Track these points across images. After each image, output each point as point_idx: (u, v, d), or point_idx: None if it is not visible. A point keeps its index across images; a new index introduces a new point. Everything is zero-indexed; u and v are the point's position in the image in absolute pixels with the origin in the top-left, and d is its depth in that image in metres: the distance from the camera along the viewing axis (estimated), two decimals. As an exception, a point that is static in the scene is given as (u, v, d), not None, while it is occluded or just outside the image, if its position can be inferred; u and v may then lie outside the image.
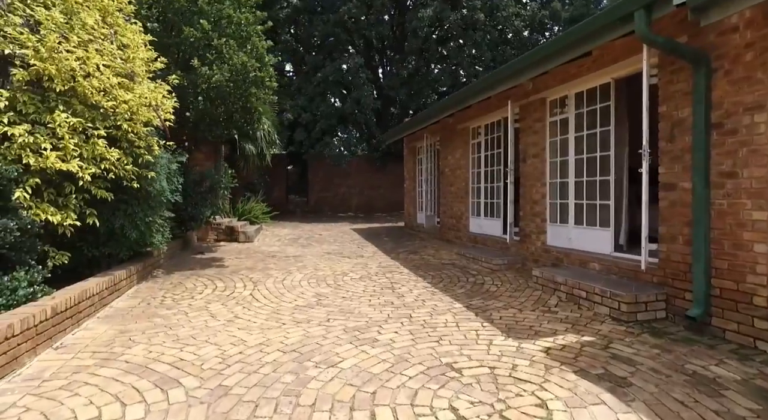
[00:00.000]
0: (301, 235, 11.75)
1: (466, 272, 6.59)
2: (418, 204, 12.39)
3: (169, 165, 6.01)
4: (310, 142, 16.98)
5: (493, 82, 6.46)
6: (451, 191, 9.64)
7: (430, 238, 10.58)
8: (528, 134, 6.53)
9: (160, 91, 5.07)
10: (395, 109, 20.43)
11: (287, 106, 16.07)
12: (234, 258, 7.94)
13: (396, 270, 6.89)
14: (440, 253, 8.46)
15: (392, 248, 9.29)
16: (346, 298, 5.20)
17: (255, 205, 12.76)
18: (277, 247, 9.42)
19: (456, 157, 9.36)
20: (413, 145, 12.47)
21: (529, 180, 6.51)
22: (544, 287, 5.18)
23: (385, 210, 21.57)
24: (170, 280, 6.09)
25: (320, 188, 21.40)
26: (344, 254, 8.52)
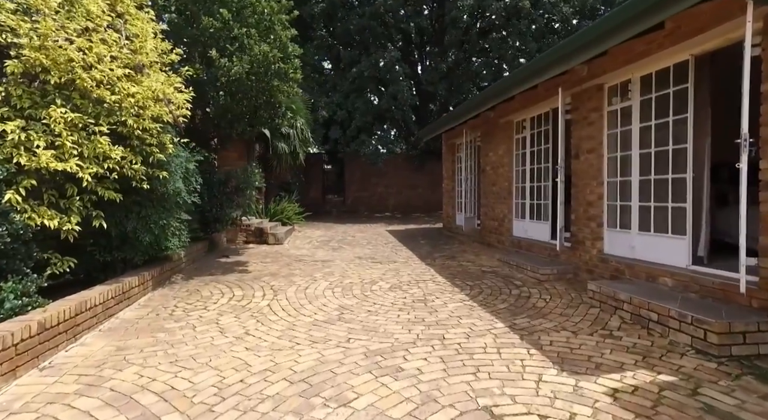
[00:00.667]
0: (333, 237, 11.33)
1: (509, 283, 5.88)
2: (457, 205, 11.68)
3: (186, 164, 5.67)
4: (345, 141, 16.57)
5: (540, 67, 5.72)
6: (492, 191, 8.90)
7: (469, 242, 9.87)
8: (581, 126, 5.74)
9: (172, 83, 4.69)
10: (434, 105, 19.71)
11: (322, 103, 15.73)
12: (259, 262, 7.57)
13: (430, 279, 6.28)
14: (480, 259, 7.76)
15: (428, 253, 8.66)
16: (371, 313, 4.65)
17: (287, 205, 12.47)
18: (306, 250, 9.01)
19: (498, 154, 8.61)
20: (452, 141, 11.77)
21: (583, 179, 5.73)
22: (602, 304, 4.43)
23: (423, 210, 20.91)
24: (187, 286, 5.75)
25: (357, 188, 21.02)
26: (376, 259, 7.98)
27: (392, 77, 15.16)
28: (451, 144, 11.89)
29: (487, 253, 8.29)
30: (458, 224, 11.37)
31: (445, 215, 12.56)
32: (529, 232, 7.51)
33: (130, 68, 4.34)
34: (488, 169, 9.12)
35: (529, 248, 7.31)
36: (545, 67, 5.60)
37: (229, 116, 6.33)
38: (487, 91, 7.82)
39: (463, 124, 9.84)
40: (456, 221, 11.66)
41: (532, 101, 7.10)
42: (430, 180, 21.34)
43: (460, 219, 11.34)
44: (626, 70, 4.89)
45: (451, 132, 11.29)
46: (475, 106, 8.49)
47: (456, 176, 11.80)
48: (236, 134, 7.05)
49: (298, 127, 12.82)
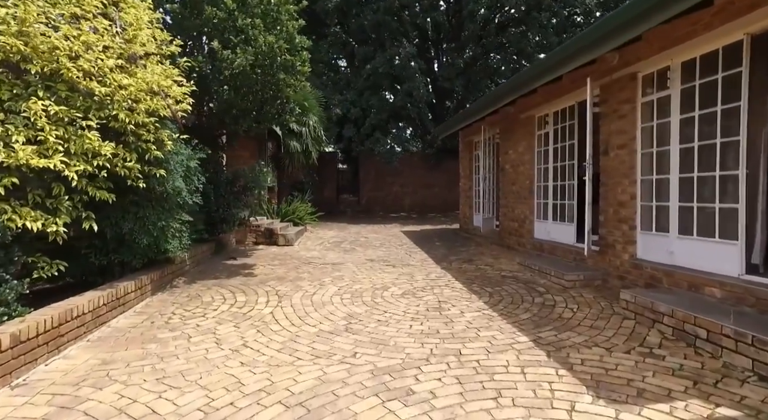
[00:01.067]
0: (345, 238, 10.99)
1: (532, 289, 5.45)
2: (474, 205, 11.24)
3: (188, 162, 5.38)
4: (359, 139, 16.22)
5: (565, 56, 5.28)
6: (512, 191, 8.44)
7: (487, 244, 9.42)
8: (611, 120, 5.28)
9: (169, 75, 4.40)
10: (451, 102, 19.25)
11: (336, 100, 15.42)
12: (267, 265, 7.27)
13: (446, 284, 5.88)
14: (499, 263, 7.32)
15: (444, 255, 8.26)
16: (381, 322, 4.28)
17: (299, 205, 12.19)
18: (316, 252, 8.69)
19: (518, 152, 8.15)
20: (469, 139, 11.33)
21: (613, 177, 5.26)
22: (637, 316, 3.98)
23: (439, 210, 20.46)
24: (188, 291, 5.47)
25: (371, 187, 20.69)
26: (389, 262, 7.60)
27: (407, 73, 14.76)
28: (469, 141, 11.45)
29: (507, 256, 7.85)
30: (476, 225, 10.93)
31: (462, 216, 12.12)
32: (552, 234, 7.04)
33: (123, 59, 4.06)
34: (508, 167, 8.66)
35: (552, 251, 6.85)
36: (571, 55, 5.16)
37: (233, 112, 6.03)
38: (507, 84, 7.38)
39: (480, 121, 9.40)
40: (473, 222, 11.22)
41: (556, 94, 6.64)
42: (447, 179, 20.87)
43: (477, 220, 10.89)
44: (664, 56, 4.42)
45: (469, 129, 10.84)
46: (493, 100, 8.05)
47: (473, 175, 11.36)
48: (243, 131, 6.75)
49: (311, 124, 12.53)
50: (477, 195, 11.05)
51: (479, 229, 10.33)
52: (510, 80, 7.32)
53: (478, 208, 10.89)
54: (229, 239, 8.91)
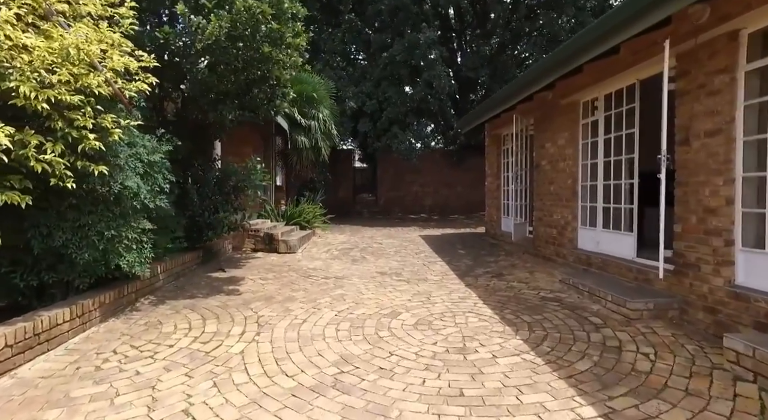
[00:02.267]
0: (356, 244, 9.88)
1: (584, 320, 4.23)
2: (503, 207, 9.99)
3: (149, 156, 4.35)
4: (376, 134, 15.09)
5: (627, 17, 4.03)
6: (549, 192, 7.18)
7: (519, 253, 8.18)
8: (695, 98, 4.01)
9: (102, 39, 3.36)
10: (475, 95, 17.95)
11: (350, 93, 14.33)
12: (258, 279, 6.22)
13: (472, 309, 4.71)
14: (536, 279, 6.10)
15: (468, 267, 7.06)
16: (384, 373, 3.16)
17: (307, 207, 11.15)
18: (320, 262, 7.60)
19: (558, 145, 6.89)
20: (497, 132, 10.07)
21: (697, 174, 4.00)
22: (759, 378, 2.74)
23: (462, 211, 19.20)
24: (150, 316, 4.44)
25: (389, 186, 19.56)
26: (402, 276, 6.46)
27: (428, 62, 13.55)
28: (496, 135, 10.19)
29: (544, 270, 6.61)
30: (504, 230, 9.68)
31: (488, 218, 10.87)
32: (603, 245, 5.78)
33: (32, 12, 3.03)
34: (544, 163, 7.40)
35: (602, 267, 5.59)
36: (637, 14, 3.91)
37: (211, 96, 4.98)
38: (545, 62, 6.14)
39: (511, 110, 8.16)
40: (501, 226, 9.97)
41: (610, 71, 5.38)
42: (471, 178, 19.60)
43: (506, 224, 9.64)
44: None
45: (497, 120, 9.60)
46: (527, 84, 6.81)
47: (501, 173, 10.11)
48: (231, 122, 5.71)
49: (321, 118, 11.50)
50: (506, 196, 9.80)
51: (508, 234, 9.08)
52: (548, 57, 6.09)
53: (508, 211, 9.64)
54: (222, 246, 7.92)
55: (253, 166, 6.86)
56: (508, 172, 9.62)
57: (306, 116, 11.42)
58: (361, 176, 27.12)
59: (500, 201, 10.13)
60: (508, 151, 9.65)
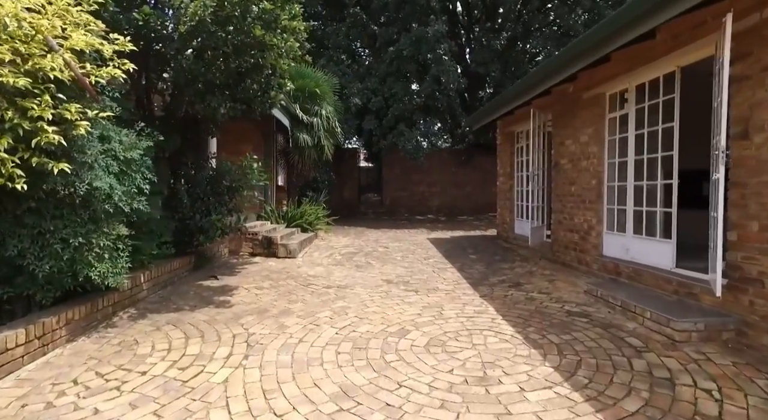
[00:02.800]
0: (361, 247, 9.35)
1: (620, 341, 3.69)
2: (516, 209, 9.42)
3: (125, 153, 3.85)
4: (381, 132, 14.54)
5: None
6: (570, 193, 6.62)
7: (535, 258, 7.62)
8: (759, 84, 3.46)
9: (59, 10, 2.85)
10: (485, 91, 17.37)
11: (355, 89, 13.79)
12: (253, 288, 5.71)
13: (490, 326, 4.17)
14: (557, 289, 5.54)
15: (482, 275, 6.52)
16: (391, 414, 2.63)
17: (309, 208, 10.63)
18: (321, 269, 7.08)
19: (580, 142, 6.33)
20: (510, 129, 9.51)
21: (760, 173, 3.44)
22: None
23: (471, 212, 18.63)
24: (127, 334, 3.94)
25: (395, 186, 19.03)
26: (410, 285, 5.93)
27: (436, 56, 12.98)
28: (509, 133, 9.63)
29: (565, 279, 6.05)
30: (518, 233, 9.12)
31: (501, 221, 10.30)
32: (634, 252, 5.22)
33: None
34: (564, 162, 6.84)
35: (634, 278, 5.03)
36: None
37: (198, 86, 4.47)
38: (567, 51, 5.58)
39: (527, 105, 7.60)
40: (515, 229, 9.41)
41: (644, 59, 4.82)
42: (480, 178, 19.05)
43: (520, 227, 9.08)
44: None
45: (510, 117, 9.04)
46: (546, 76, 6.25)
47: (515, 173, 9.54)
48: (223, 116, 5.20)
49: (324, 114, 10.99)
50: (520, 197, 9.24)
51: (522, 238, 8.53)
52: (571, 46, 5.52)
53: (522, 213, 9.08)
54: (217, 251, 7.42)
55: (249, 164, 6.34)
56: (522, 172, 9.06)
57: (308, 113, 10.90)
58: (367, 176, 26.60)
59: (513, 202, 9.56)
60: (522, 149, 9.09)
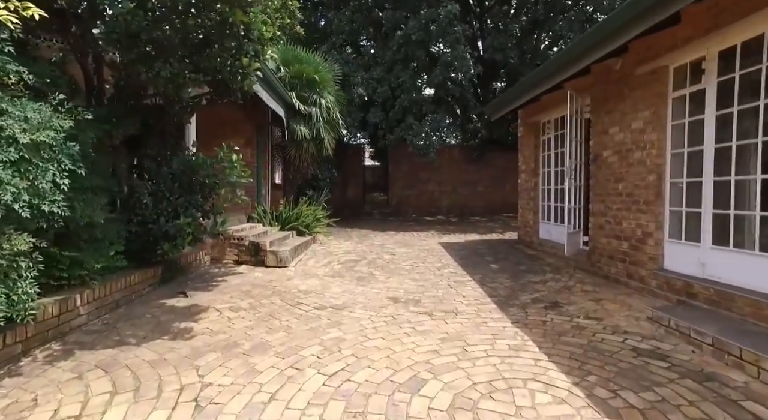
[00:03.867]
0: (364, 254, 8.23)
1: (734, 407, 2.56)
2: (541, 210, 8.27)
3: (30, 134, 2.76)
4: (388, 126, 13.39)
5: None
6: (617, 191, 5.47)
7: (567, 268, 6.48)
8: None
9: None
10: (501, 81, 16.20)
11: (359, 78, 12.66)
12: (227, 309, 4.61)
13: (535, 374, 3.04)
14: (608, 312, 4.39)
15: (509, 291, 5.38)
16: None
17: (305, 208, 9.53)
18: (315, 282, 5.97)
19: (632, 129, 5.18)
20: (535, 119, 8.35)
21: None
22: None
23: (483, 213, 17.46)
24: (29, 386, 2.85)
25: (403, 185, 17.89)
26: (423, 305, 4.81)
27: (448, 40, 11.81)
28: (533, 123, 8.47)
29: (613, 297, 4.90)
30: (544, 238, 7.98)
31: (522, 223, 9.14)
32: (715, 268, 4.06)
33: None
34: (607, 155, 5.69)
35: (718, 302, 3.87)
36: None
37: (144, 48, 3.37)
38: (619, 14, 4.42)
39: (557, 88, 6.45)
40: (539, 233, 8.26)
41: (739, 10, 3.66)
42: (493, 175, 17.89)
43: (546, 231, 7.93)
44: None
45: (535, 104, 7.89)
46: (585, 50, 5.11)
47: (540, 169, 8.39)
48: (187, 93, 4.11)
49: (323, 104, 9.88)
50: (546, 196, 8.08)
51: (549, 243, 7.41)
52: (624, 6, 4.35)
53: (548, 215, 7.92)
54: (195, 259, 6.34)
55: (228, 155, 5.25)
56: (550, 168, 7.90)
57: (306, 102, 9.81)
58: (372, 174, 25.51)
59: (538, 203, 8.41)
60: (549, 141, 7.93)
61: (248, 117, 9.69)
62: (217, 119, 9.74)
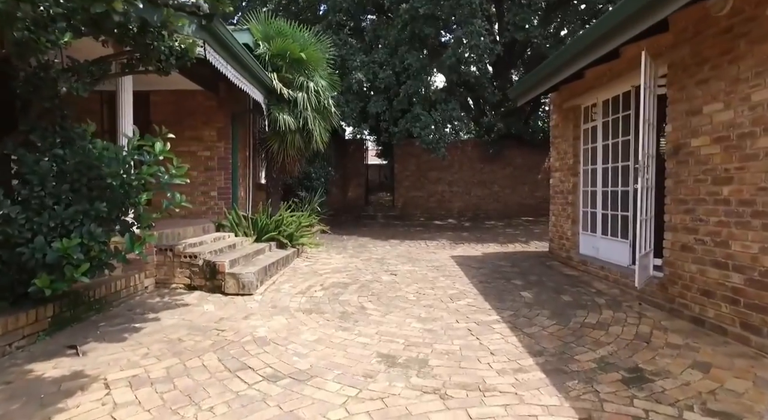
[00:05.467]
0: (357, 274, 6.55)
1: None
2: (583, 218, 6.56)
3: None
4: (391, 116, 11.69)
5: None
6: (719, 198, 3.76)
7: (627, 299, 4.77)
8: None
9: None
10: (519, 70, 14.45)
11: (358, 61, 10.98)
12: (124, 381, 2.96)
13: None
14: (735, 395, 2.67)
15: (558, 343, 3.68)
16: None
17: (287, 215, 7.86)
18: (282, 321, 4.31)
19: (752, 103, 3.45)
20: (575, 102, 6.63)
21: None
22: None
23: (499, 216, 15.74)
24: None
25: (409, 185, 16.23)
26: (431, 372, 3.14)
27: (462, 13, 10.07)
28: (572, 108, 6.75)
29: (728, 361, 3.20)
30: (585, 254, 6.29)
31: (556, 234, 7.42)
32: None
33: None
34: (698, 144, 3.98)
35: None
36: None
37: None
38: None
39: (608, 58, 4.74)
40: (580, 247, 6.56)
41: None
42: (510, 175, 16.22)
43: (590, 245, 6.22)
44: None
45: (575, 84, 6.20)
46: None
47: (581, 166, 6.68)
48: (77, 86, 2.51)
49: (312, 88, 8.22)
50: (589, 200, 6.38)
51: (596, 262, 5.76)
52: None
53: (593, 226, 6.21)
54: (127, 286, 4.72)
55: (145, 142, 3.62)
56: (596, 165, 6.19)
57: (291, 86, 8.17)
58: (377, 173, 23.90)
59: (578, 209, 6.69)
60: (596, 131, 6.22)
61: (222, 104, 8.08)
62: (184, 107, 8.15)
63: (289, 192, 11.46)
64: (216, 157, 8.12)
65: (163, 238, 5.68)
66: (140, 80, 7.76)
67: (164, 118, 8.23)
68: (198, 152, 8.15)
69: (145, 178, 3.65)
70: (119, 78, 5.06)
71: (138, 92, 8.47)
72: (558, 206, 7.33)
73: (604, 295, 5.14)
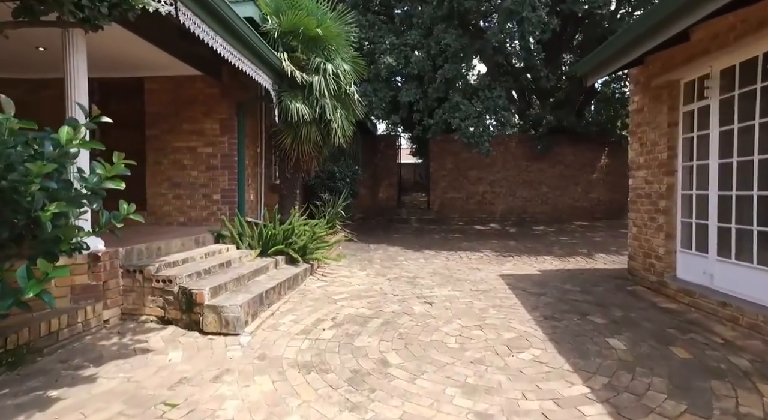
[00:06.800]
0: (383, 300, 5.13)
1: None
2: (680, 230, 4.92)
3: None
4: (426, 106, 10.20)
5: None
6: None
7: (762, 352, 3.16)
8: None
9: None
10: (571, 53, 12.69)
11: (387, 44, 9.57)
12: None
13: None
14: None
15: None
16: None
17: (299, 223, 6.51)
18: (266, 386, 2.95)
19: None
20: (672, 77, 4.99)
21: None
22: None
23: (548, 221, 14.01)
24: None
25: (446, 185, 14.71)
26: None
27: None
28: (667, 85, 5.11)
29: None
30: (685, 279, 4.66)
31: (640, 249, 5.77)
32: None
33: None
34: None
35: None
36: None
37: None
38: None
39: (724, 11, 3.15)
40: (677, 269, 4.93)
41: None
42: (560, 174, 14.52)
43: (693, 267, 4.60)
44: None
45: (676, 50, 4.58)
46: None
47: (678, 161, 5.05)
48: None
49: (329, 70, 6.88)
50: (694, 208, 4.74)
51: (703, 290, 4.14)
52: None
53: (703, 243, 4.57)
54: (76, 322, 3.51)
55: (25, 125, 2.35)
56: (708, 159, 4.55)
57: (305, 69, 6.85)
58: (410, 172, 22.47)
59: (674, 219, 5.06)
60: (706, 113, 4.58)
61: (225, 91, 6.87)
62: (183, 96, 6.99)
63: (310, 194, 10.22)
64: (219, 154, 6.91)
65: (133, 255, 4.46)
66: (130, 64, 6.68)
67: (161, 108, 7.12)
68: (198, 148, 6.97)
69: (46, 183, 2.38)
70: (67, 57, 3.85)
71: (129, 79, 7.43)
72: (642, 214, 5.68)
73: (742, 351, 3.52)
